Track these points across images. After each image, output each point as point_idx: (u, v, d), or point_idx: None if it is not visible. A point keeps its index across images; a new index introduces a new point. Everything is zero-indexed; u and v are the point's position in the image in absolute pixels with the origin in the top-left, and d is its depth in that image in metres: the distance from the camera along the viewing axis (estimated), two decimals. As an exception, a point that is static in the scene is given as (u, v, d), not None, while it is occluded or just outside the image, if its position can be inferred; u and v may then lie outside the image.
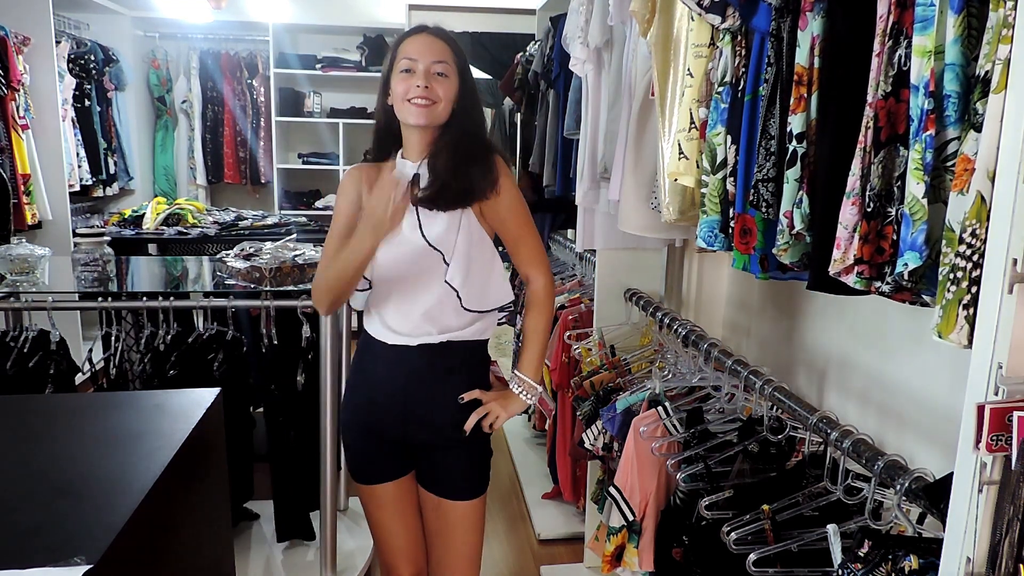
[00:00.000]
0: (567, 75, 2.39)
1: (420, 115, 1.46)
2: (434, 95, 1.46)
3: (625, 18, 1.80)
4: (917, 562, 0.97)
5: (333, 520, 2.31)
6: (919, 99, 0.85)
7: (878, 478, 1.13)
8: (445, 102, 1.48)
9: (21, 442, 0.94)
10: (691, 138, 1.40)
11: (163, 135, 5.30)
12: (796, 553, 1.24)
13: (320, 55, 5.23)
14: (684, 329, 1.83)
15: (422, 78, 1.45)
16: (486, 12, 4.91)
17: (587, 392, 2.09)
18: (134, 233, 3.36)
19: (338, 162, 5.32)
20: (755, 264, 1.26)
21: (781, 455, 1.48)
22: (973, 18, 0.81)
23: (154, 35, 5.22)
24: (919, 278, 0.89)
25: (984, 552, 0.77)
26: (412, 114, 1.47)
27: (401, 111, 1.49)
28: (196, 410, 1.01)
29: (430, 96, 1.46)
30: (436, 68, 1.47)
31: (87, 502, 0.78)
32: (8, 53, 3.53)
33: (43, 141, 3.86)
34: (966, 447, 0.77)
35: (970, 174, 0.77)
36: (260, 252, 2.37)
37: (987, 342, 0.74)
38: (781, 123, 1.13)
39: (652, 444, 1.61)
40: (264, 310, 2.28)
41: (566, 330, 2.54)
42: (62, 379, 2.20)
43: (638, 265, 2.40)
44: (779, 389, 1.43)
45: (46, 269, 2.39)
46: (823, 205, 1.03)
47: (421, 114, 1.46)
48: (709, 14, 1.27)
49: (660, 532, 1.57)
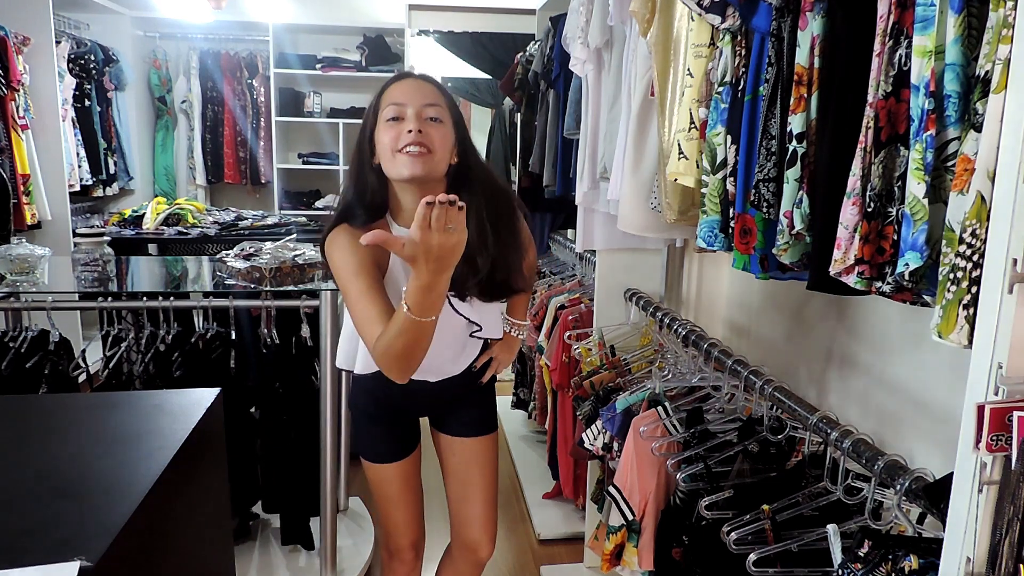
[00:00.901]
0: (567, 75, 2.39)
1: (415, 165, 1.27)
2: (429, 142, 1.28)
3: (625, 18, 1.80)
4: (917, 562, 0.97)
5: (333, 521, 2.31)
6: (919, 99, 0.85)
7: (878, 478, 1.13)
8: (442, 151, 1.31)
9: (21, 442, 0.94)
10: (691, 138, 1.40)
11: (163, 135, 5.30)
12: (796, 553, 1.24)
13: (320, 55, 5.23)
14: (684, 329, 1.83)
15: (413, 122, 1.28)
16: (486, 12, 4.91)
17: (587, 392, 2.09)
18: (134, 233, 3.36)
19: (338, 162, 5.32)
20: (755, 264, 1.26)
21: (781, 455, 1.48)
22: (973, 18, 0.81)
23: (154, 35, 5.22)
24: (920, 278, 0.89)
25: (984, 552, 0.77)
26: (406, 165, 1.27)
27: (392, 165, 1.30)
28: (196, 410, 1.01)
29: (424, 142, 1.28)
30: (428, 112, 1.30)
31: (87, 502, 0.78)
32: (8, 53, 3.54)
33: (43, 141, 3.86)
34: (966, 447, 0.77)
35: (970, 174, 0.77)
36: (260, 252, 2.37)
37: (987, 342, 0.74)
38: (781, 123, 1.13)
39: (652, 444, 1.61)
40: (264, 310, 2.28)
41: (566, 330, 2.54)
42: (63, 379, 2.20)
43: (638, 265, 2.40)
44: (779, 389, 1.43)
45: (46, 269, 2.38)
46: (823, 205, 1.03)
47: (416, 164, 1.27)
48: (709, 14, 1.27)
49: (660, 532, 1.57)
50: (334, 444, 2.28)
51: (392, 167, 1.30)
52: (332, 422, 2.25)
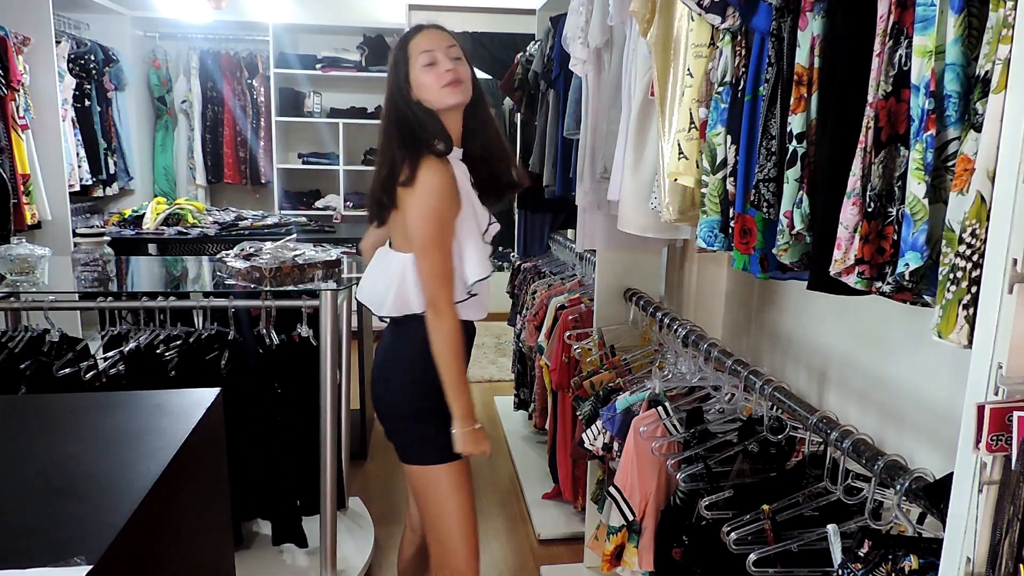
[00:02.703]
0: (567, 75, 2.39)
1: (457, 94, 1.60)
2: (462, 75, 1.61)
3: (625, 18, 1.80)
4: (917, 562, 0.97)
5: (333, 521, 2.31)
6: (919, 99, 0.85)
7: (878, 478, 1.13)
8: (467, 79, 1.64)
9: (21, 442, 0.94)
10: (691, 138, 1.40)
11: (163, 135, 5.30)
12: (796, 553, 1.24)
13: (320, 55, 5.23)
14: (684, 329, 1.83)
15: (448, 63, 1.60)
16: (486, 12, 4.91)
17: (587, 392, 2.09)
18: (134, 233, 3.36)
19: (338, 162, 5.32)
20: (755, 264, 1.26)
21: (781, 455, 1.48)
22: (973, 18, 0.81)
23: (154, 35, 5.22)
24: (920, 278, 0.89)
25: (984, 552, 0.77)
26: (451, 95, 1.60)
27: (439, 98, 1.60)
28: (196, 410, 1.01)
29: (459, 76, 1.60)
30: (452, 53, 1.62)
31: (87, 502, 0.78)
32: (8, 53, 3.53)
33: (43, 141, 3.86)
34: (966, 447, 0.77)
35: (970, 174, 0.77)
36: (260, 252, 2.37)
37: (987, 342, 0.74)
38: (781, 123, 1.13)
39: (652, 444, 1.61)
40: (264, 310, 2.28)
41: (566, 330, 2.54)
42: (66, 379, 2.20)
43: (638, 265, 2.40)
44: (779, 389, 1.43)
45: (46, 269, 2.39)
46: (823, 205, 1.03)
47: (457, 93, 1.60)
48: (709, 14, 1.27)
49: (660, 532, 1.57)
50: (334, 444, 2.28)
51: (440, 99, 1.60)
52: (332, 422, 2.25)
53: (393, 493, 3.09)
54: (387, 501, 3.02)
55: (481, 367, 4.80)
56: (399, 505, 3.00)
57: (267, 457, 2.35)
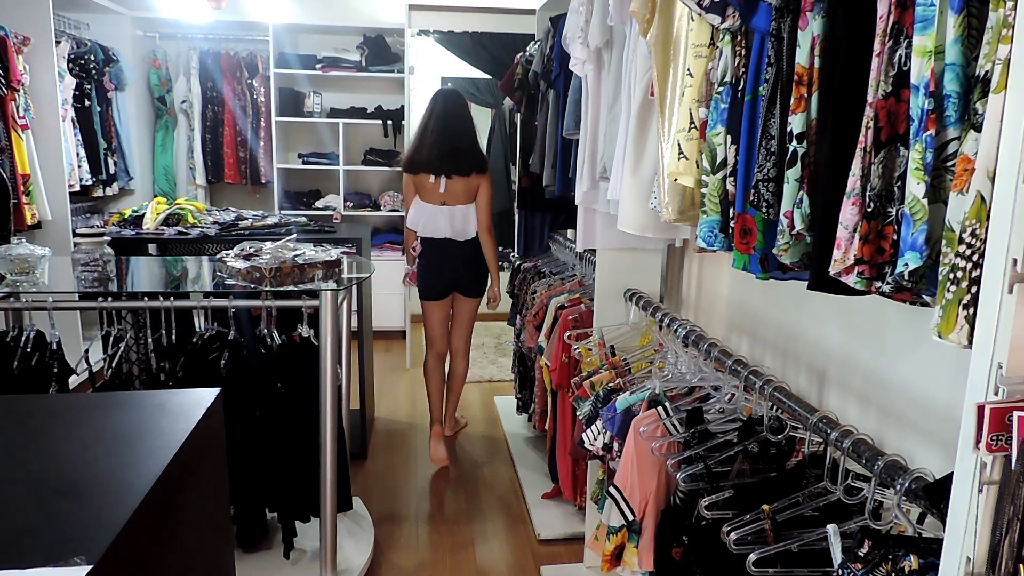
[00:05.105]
0: (567, 75, 2.39)
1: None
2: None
3: (625, 18, 1.80)
4: (917, 562, 0.97)
5: (333, 521, 2.31)
6: (919, 99, 0.85)
7: (878, 478, 1.13)
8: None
9: (21, 442, 0.94)
10: (691, 138, 1.40)
11: (163, 135, 5.30)
12: (796, 553, 1.24)
13: (320, 55, 5.23)
14: (684, 329, 1.83)
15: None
16: (486, 12, 4.90)
17: (587, 392, 2.09)
18: (134, 233, 3.36)
19: (338, 162, 5.32)
20: (755, 264, 1.26)
21: (781, 455, 1.48)
22: (973, 18, 0.81)
23: (154, 35, 5.22)
24: (919, 278, 0.89)
25: (984, 552, 0.77)
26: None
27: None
28: (196, 410, 1.01)
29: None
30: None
31: (87, 502, 0.78)
32: (8, 53, 3.53)
33: (43, 141, 3.86)
34: (966, 447, 0.77)
35: (970, 174, 0.77)
36: (260, 252, 2.37)
37: (987, 342, 0.74)
38: (781, 123, 1.13)
39: (652, 444, 1.61)
40: (265, 310, 2.28)
41: (566, 330, 2.54)
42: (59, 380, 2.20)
43: (638, 265, 2.40)
44: (779, 389, 1.43)
45: (46, 269, 2.38)
46: (823, 205, 1.03)
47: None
48: (709, 14, 1.27)
49: (660, 532, 1.57)
50: (334, 444, 2.28)
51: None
52: (332, 422, 2.24)
53: (393, 493, 3.09)
54: (387, 501, 3.02)
55: (481, 367, 4.80)
56: (399, 505, 3.00)
57: (267, 457, 2.35)
